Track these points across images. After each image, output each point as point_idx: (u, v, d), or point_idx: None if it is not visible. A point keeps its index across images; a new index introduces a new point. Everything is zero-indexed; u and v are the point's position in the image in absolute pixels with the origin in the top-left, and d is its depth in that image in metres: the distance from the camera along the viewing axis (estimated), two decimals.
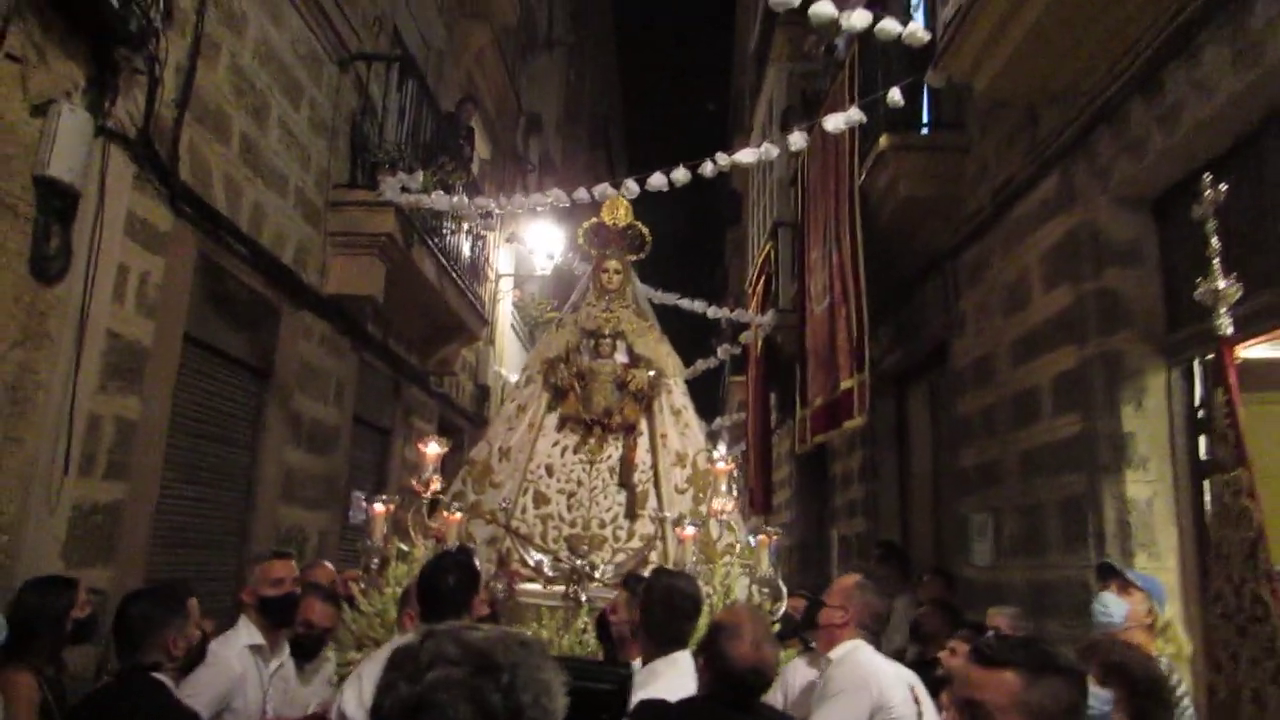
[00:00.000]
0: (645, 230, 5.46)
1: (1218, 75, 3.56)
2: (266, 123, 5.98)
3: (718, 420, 14.88)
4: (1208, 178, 3.02)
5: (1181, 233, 4.26)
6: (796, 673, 3.40)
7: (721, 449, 5.73)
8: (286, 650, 3.51)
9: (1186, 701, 3.28)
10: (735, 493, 5.01)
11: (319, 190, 6.82)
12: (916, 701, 2.91)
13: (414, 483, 4.59)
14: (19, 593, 3.14)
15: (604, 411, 4.98)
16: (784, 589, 4.30)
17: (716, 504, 4.51)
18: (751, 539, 4.49)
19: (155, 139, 4.60)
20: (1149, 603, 3.45)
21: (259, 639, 3.34)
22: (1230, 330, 3.08)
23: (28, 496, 3.82)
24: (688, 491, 4.86)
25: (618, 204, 5.52)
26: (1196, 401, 4.21)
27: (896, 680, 2.95)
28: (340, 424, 7.45)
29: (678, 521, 4.37)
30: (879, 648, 3.17)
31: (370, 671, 2.78)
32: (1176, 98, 3.82)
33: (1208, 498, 3.98)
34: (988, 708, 1.57)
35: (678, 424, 5.08)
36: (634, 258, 5.47)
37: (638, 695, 2.74)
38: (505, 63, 12.11)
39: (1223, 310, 3.03)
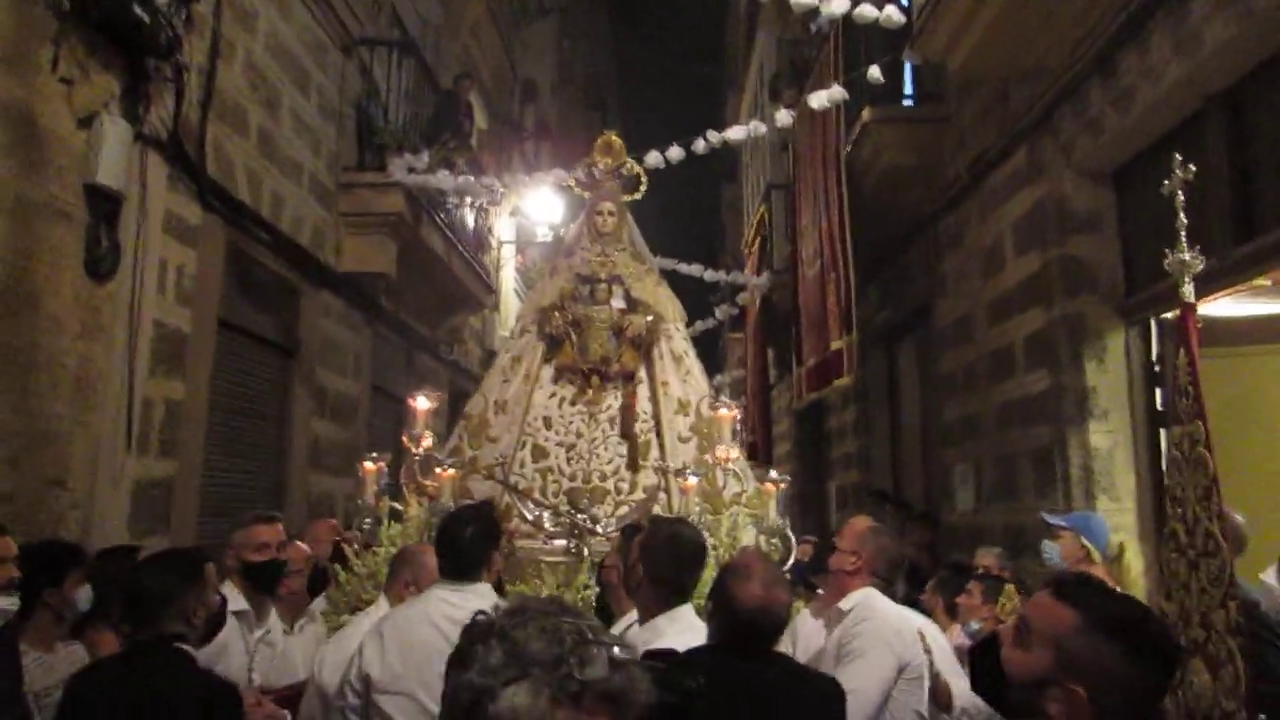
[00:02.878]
0: (640, 169, 5.23)
1: (1163, 62, 3.90)
2: (279, 113, 6.30)
3: (718, 377, 15.28)
4: (1178, 157, 3.35)
5: (1138, 203, 4.62)
6: (805, 624, 3.21)
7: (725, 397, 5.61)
8: (273, 615, 3.42)
9: None
10: (741, 440, 4.77)
11: (330, 174, 7.15)
12: (927, 651, 2.80)
13: (405, 439, 4.37)
14: (94, 560, 3.55)
15: (601, 360, 4.70)
16: (793, 539, 4.16)
17: (721, 452, 4.25)
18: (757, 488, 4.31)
19: (184, 140, 4.94)
20: (1078, 539, 3.88)
21: (243, 604, 3.23)
22: (1193, 297, 3.45)
23: (96, 474, 4.24)
24: (691, 440, 4.62)
25: (610, 142, 5.20)
26: (1153, 358, 4.61)
27: (914, 635, 2.81)
28: (359, 394, 7.86)
29: (680, 471, 4.23)
30: (892, 596, 3.00)
31: (392, 633, 2.68)
32: (1129, 81, 4.16)
33: (1164, 446, 4.40)
34: (1032, 628, 1.50)
35: (679, 370, 4.80)
36: (629, 198, 5.18)
37: (648, 649, 2.51)
38: (500, 33, 12.31)
39: (1187, 278, 3.39)
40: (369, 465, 4.29)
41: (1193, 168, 3.03)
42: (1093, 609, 1.45)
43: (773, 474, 4.41)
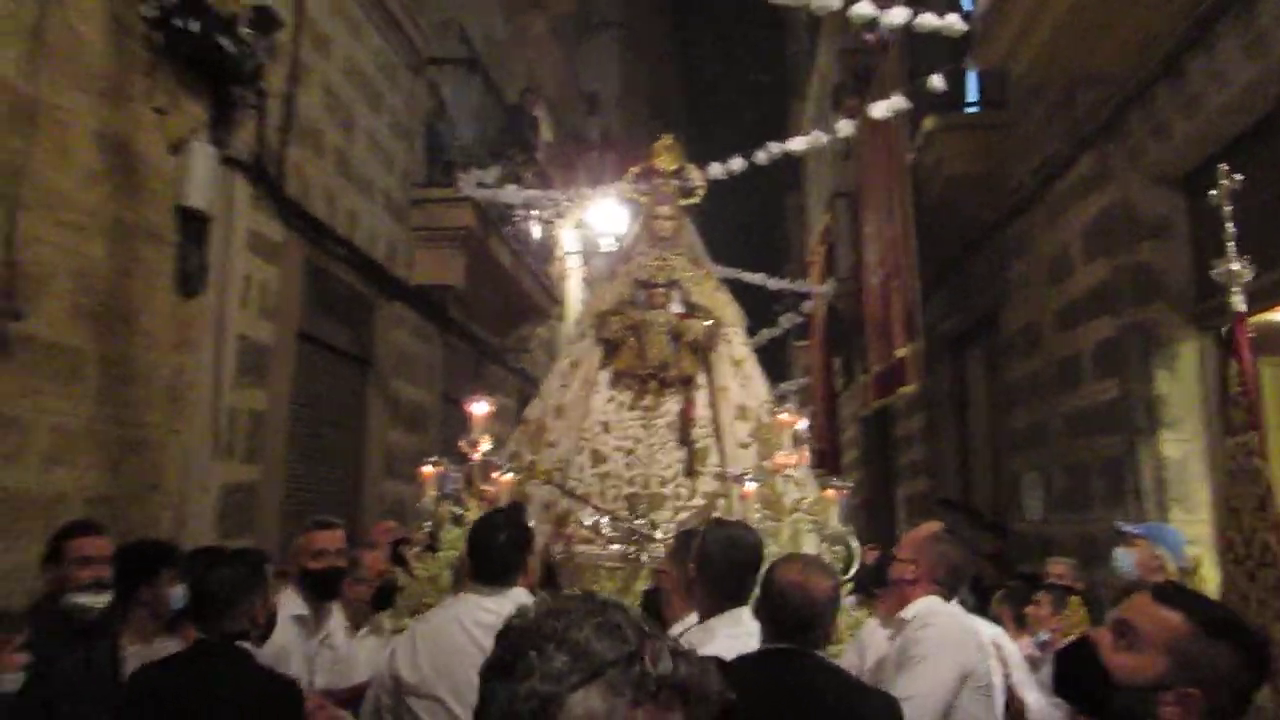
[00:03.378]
0: (698, 174, 5.16)
1: (1232, 65, 3.83)
2: (354, 134, 6.56)
3: (783, 385, 15.26)
4: (1223, 167, 3.31)
5: (1210, 208, 4.52)
6: (873, 635, 3.10)
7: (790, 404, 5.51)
8: (335, 618, 3.40)
9: None
10: (803, 447, 4.70)
11: (402, 190, 7.40)
12: (1001, 662, 2.70)
13: (462, 444, 4.32)
14: (186, 559, 3.76)
15: (660, 364, 4.65)
16: (856, 546, 4.08)
17: (781, 458, 4.19)
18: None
19: (266, 161, 5.20)
20: (1152, 548, 3.81)
21: (303, 609, 3.22)
22: (1243, 306, 3.39)
23: (187, 479, 4.49)
24: (751, 446, 4.54)
25: (668, 147, 5.14)
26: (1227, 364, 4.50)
27: (980, 644, 2.71)
28: (431, 403, 8.09)
29: (740, 477, 4.16)
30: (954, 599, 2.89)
31: (424, 637, 2.71)
32: (1197, 86, 4.09)
33: None
34: (1138, 632, 1.49)
35: (738, 375, 4.73)
36: (687, 202, 5.13)
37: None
38: (563, 47, 12.54)
39: (1236, 288, 3.33)
40: (428, 470, 4.27)
41: (1239, 176, 2.99)
42: (1198, 612, 1.47)
43: (834, 481, 4.37)
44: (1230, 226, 3.39)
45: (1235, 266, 3.36)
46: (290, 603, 3.18)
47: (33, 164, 3.51)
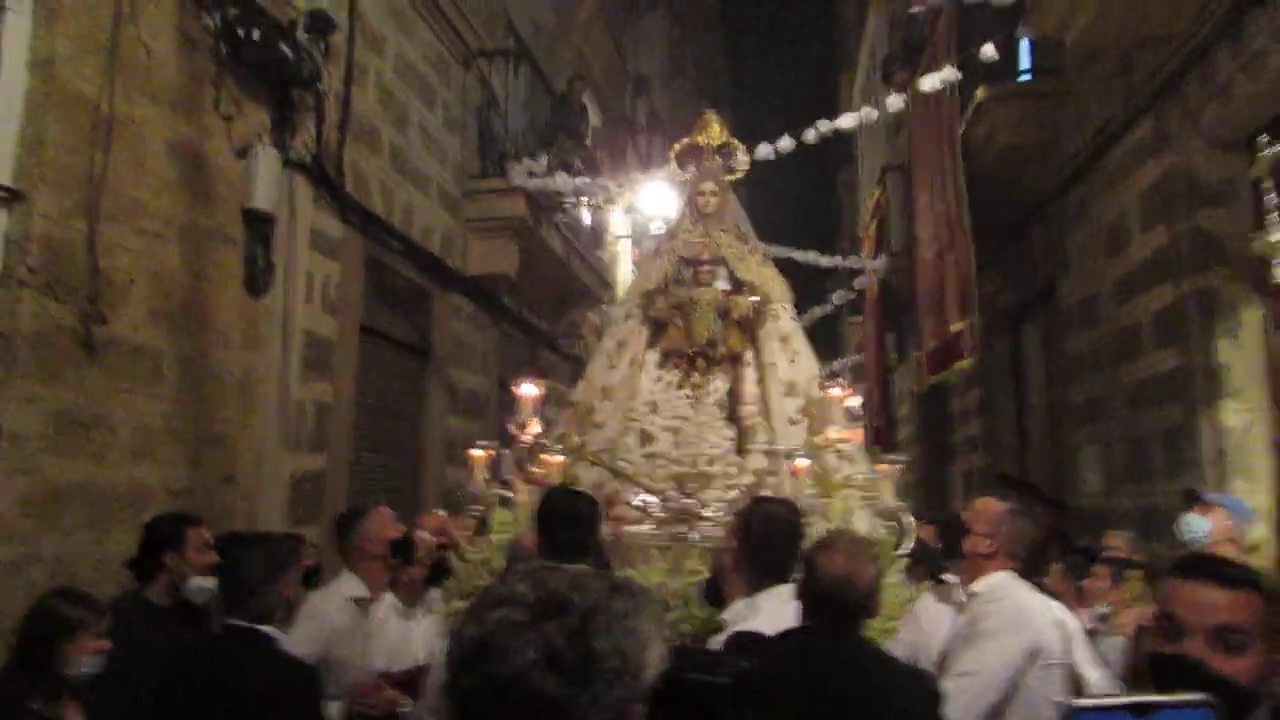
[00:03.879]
0: (740, 146, 5.05)
1: None
2: (408, 129, 6.71)
3: (838, 361, 15.16)
4: (1263, 138, 3.25)
5: (1274, 171, 4.42)
6: (927, 610, 3.10)
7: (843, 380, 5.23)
8: (388, 600, 3.42)
9: None
10: (856, 422, 4.68)
11: (455, 182, 7.55)
12: (1066, 638, 2.65)
13: (511, 426, 4.34)
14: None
15: (707, 342, 4.57)
16: (910, 521, 4.03)
17: (832, 434, 4.14)
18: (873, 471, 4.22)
19: (325, 161, 5.36)
20: (1231, 519, 3.76)
21: (362, 591, 3.22)
22: None
23: (260, 470, 4.70)
24: (801, 423, 4.48)
25: (710, 120, 5.06)
26: None
27: (1051, 621, 2.64)
28: (487, 390, 8.27)
29: (790, 454, 4.10)
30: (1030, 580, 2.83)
31: None
32: (1260, 44, 3.99)
33: None
34: (1242, 629, 1.44)
35: (786, 351, 4.67)
36: (731, 177, 5.04)
37: (736, 628, 2.56)
38: (610, 31, 12.56)
39: (1276, 259, 3.28)
40: (477, 453, 4.30)
41: (1278, 146, 2.93)
42: (1263, 583, 1.48)
43: (887, 456, 4.34)
44: (1273, 197, 3.33)
45: (1275, 237, 3.31)
46: (349, 584, 3.20)
47: (111, 175, 3.69)
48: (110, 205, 3.70)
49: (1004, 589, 2.69)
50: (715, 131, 4.97)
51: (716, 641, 2.57)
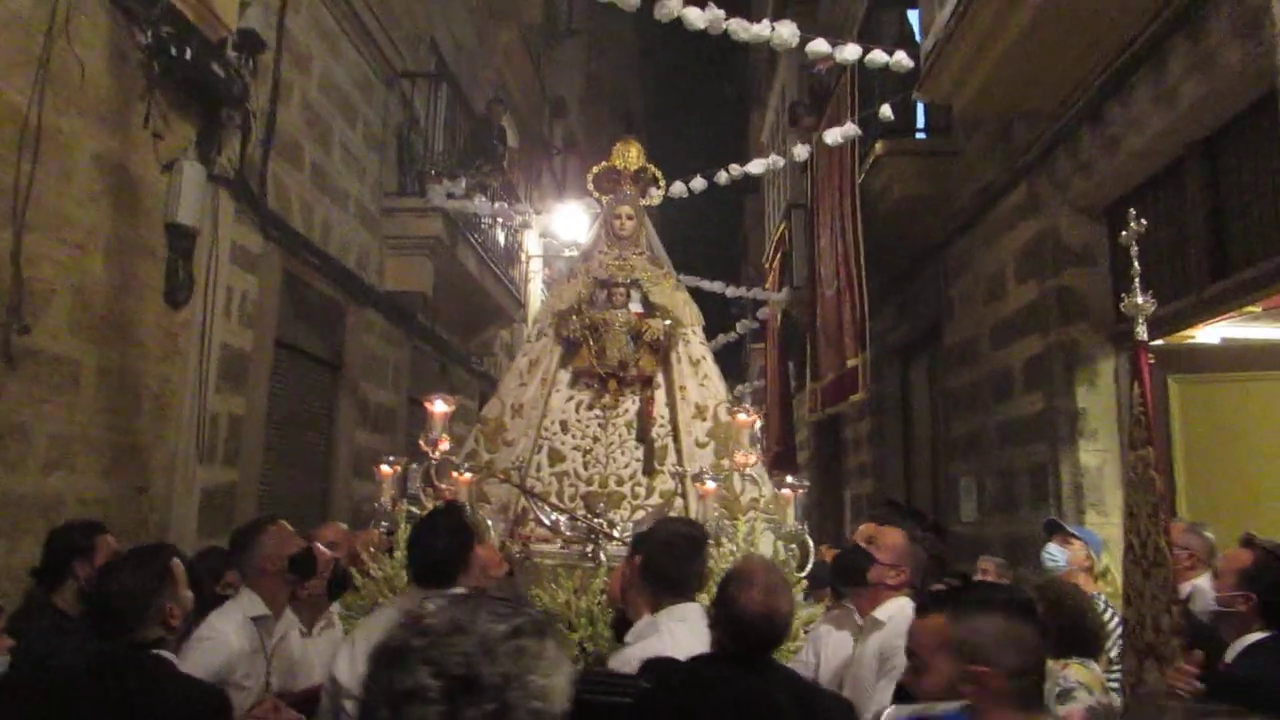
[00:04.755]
0: (658, 173, 5.14)
1: (1144, 114, 4.26)
2: (330, 147, 6.78)
3: (739, 387, 15.66)
4: (1132, 211, 3.71)
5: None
6: (828, 638, 3.20)
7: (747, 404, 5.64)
8: (288, 618, 3.30)
9: (1114, 627, 4.07)
10: (760, 446, 4.78)
11: (374, 199, 7.63)
12: None
13: (421, 443, 4.31)
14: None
15: (619, 364, 4.65)
16: (811, 544, 4.17)
17: (739, 457, 4.22)
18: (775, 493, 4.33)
19: (249, 177, 5.42)
20: (1087, 550, 4.23)
21: (261, 609, 3.11)
22: (1145, 336, 3.80)
23: (172, 482, 4.72)
24: (709, 445, 4.61)
25: (629, 146, 5.13)
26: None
27: None
28: (397, 406, 8.33)
29: (698, 477, 4.18)
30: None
31: (362, 638, 2.66)
32: (1116, 130, 4.52)
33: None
34: (919, 653, 1.76)
35: (696, 375, 4.77)
36: (647, 203, 5.13)
37: (637, 648, 2.57)
38: (531, 54, 12.79)
39: (1140, 320, 3.73)
40: (385, 469, 4.31)
41: (1144, 221, 3.38)
42: (950, 604, 1.83)
43: (789, 479, 4.43)
44: (1136, 264, 3.80)
45: (1140, 300, 3.78)
46: (249, 603, 3.08)
47: (37, 186, 3.72)
48: (35, 216, 3.72)
49: (908, 616, 2.79)
50: (633, 157, 5.08)
51: (619, 660, 2.61)
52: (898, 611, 2.82)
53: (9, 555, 3.61)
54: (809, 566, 4.07)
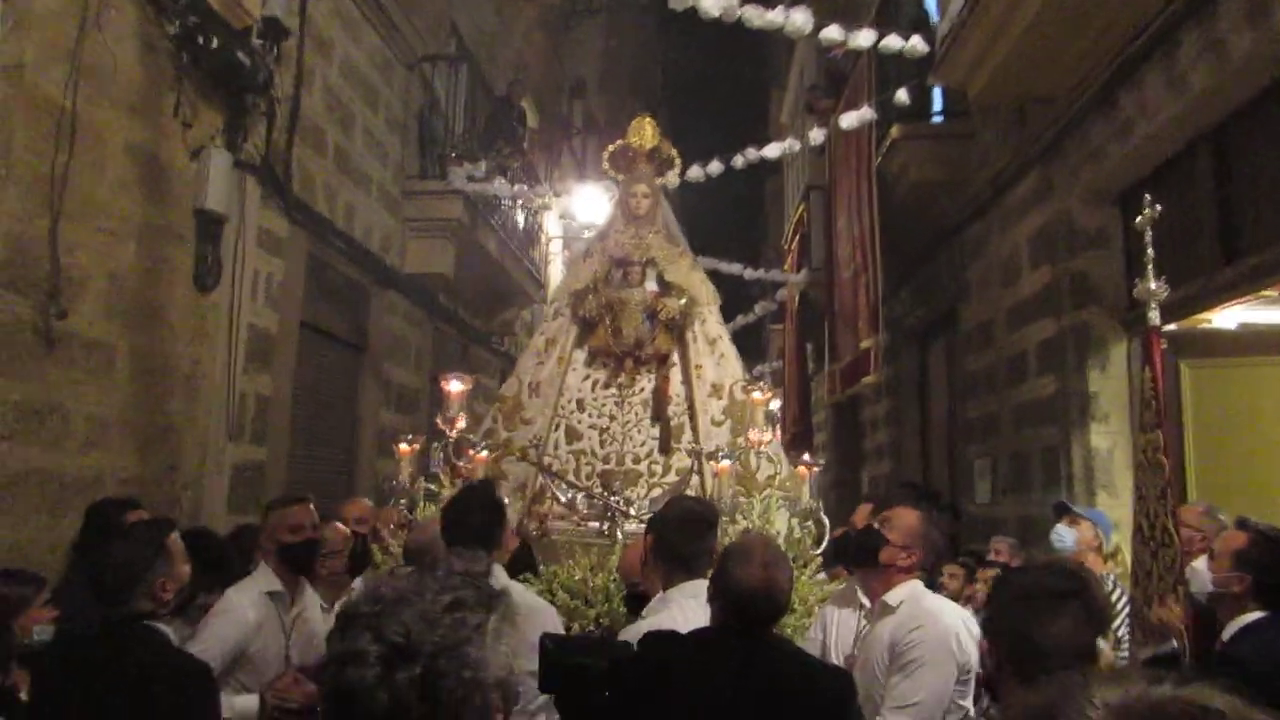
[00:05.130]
0: (674, 151, 5.12)
1: (1156, 101, 4.28)
2: (353, 131, 6.90)
3: (759, 367, 15.71)
4: (1147, 196, 3.74)
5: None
6: (835, 615, 3.23)
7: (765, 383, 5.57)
8: (309, 594, 3.34)
9: (1121, 606, 4.15)
10: (777, 426, 4.75)
11: (396, 183, 7.75)
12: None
13: (439, 421, 4.34)
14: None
15: (635, 343, 4.66)
16: (827, 521, 4.17)
17: (755, 435, 4.20)
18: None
19: (274, 163, 5.55)
20: (1095, 530, 4.31)
21: (276, 585, 3.16)
22: (1158, 321, 3.84)
23: (203, 460, 4.89)
24: (725, 424, 4.60)
25: (644, 124, 5.13)
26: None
27: (968, 634, 2.75)
28: (420, 386, 8.48)
29: (713, 455, 4.18)
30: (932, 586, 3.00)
31: None
32: (1127, 116, 4.54)
33: None
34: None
35: (713, 354, 4.76)
36: (662, 181, 5.11)
37: (647, 622, 2.63)
38: (550, 35, 12.83)
39: (1153, 305, 3.78)
40: (404, 447, 4.33)
41: (1159, 207, 3.42)
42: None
43: (805, 457, 4.46)
44: (1150, 250, 3.84)
45: (1153, 285, 3.82)
46: (265, 579, 3.16)
47: (72, 175, 3.86)
48: (71, 204, 3.87)
49: (920, 605, 2.81)
50: (649, 135, 5.05)
51: (630, 634, 2.62)
52: (909, 597, 2.82)
53: (51, 531, 3.78)
54: (824, 543, 4.09)
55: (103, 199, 4.09)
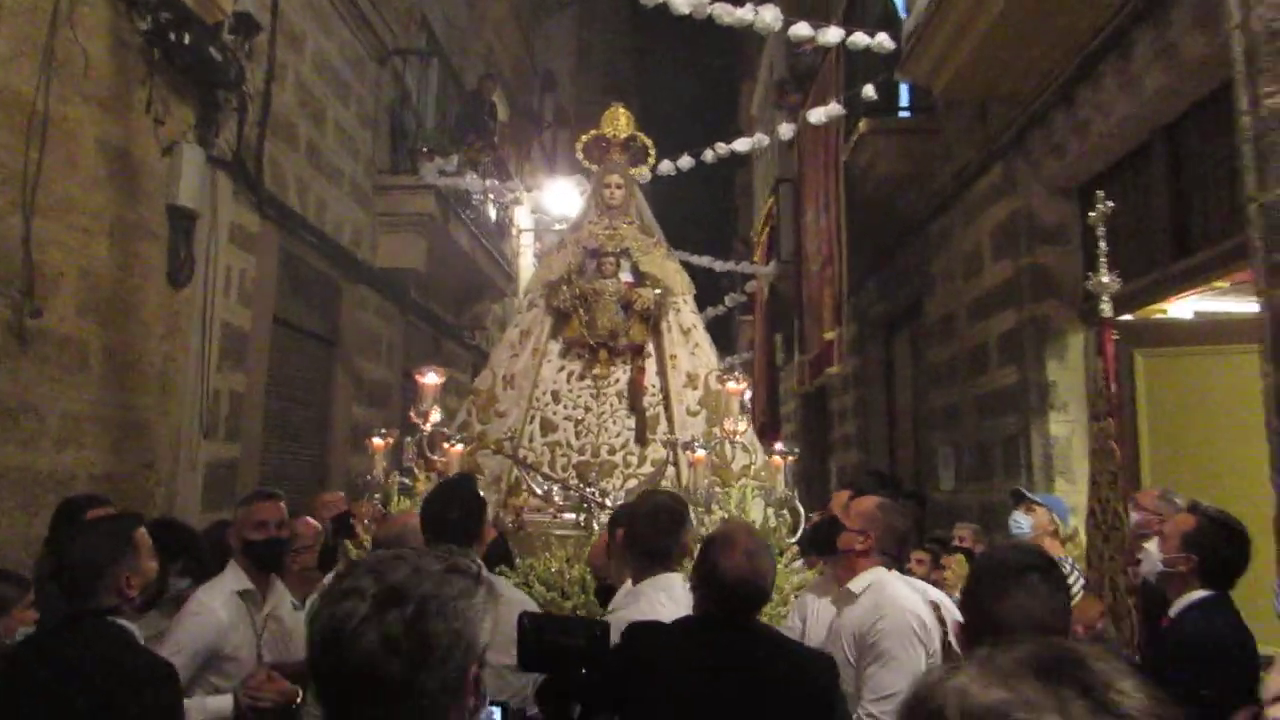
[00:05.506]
0: (648, 141, 5.12)
1: (1111, 100, 4.43)
2: (324, 125, 6.89)
3: (729, 358, 15.83)
4: (1099, 193, 3.87)
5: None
6: (814, 605, 3.24)
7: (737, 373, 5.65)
8: (280, 591, 3.31)
9: (1078, 590, 4.30)
10: (747, 414, 4.75)
11: (367, 177, 7.75)
12: (941, 622, 2.78)
13: (412, 415, 4.34)
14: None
15: (609, 333, 4.65)
16: (802, 510, 4.19)
17: (730, 425, 4.24)
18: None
19: (246, 158, 5.54)
20: (1050, 515, 4.47)
21: (247, 584, 3.13)
22: (1110, 313, 3.98)
23: (177, 457, 4.89)
24: (700, 414, 4.63)
25: (618, 114, 5.11)
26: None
27: (930, 617, 2.77)
28: (392, 380, 8.50)
29: (689, 445, 4.18)
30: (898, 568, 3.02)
31: None
32: (1086, 113, 4.69)
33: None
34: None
35: (687, 344, 4.80)
36: (637, 172, 5.12)
37: (618, 615, 2.63)
38: (521, 28, 12.82)
39: (1105, 298, 3.92)
40: (377, 442, 4.29)
41: (1111, 203, 3.57)
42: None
43: (779, 446, 4.46)
44: (1103, 244, 3.99)
45: (1105, 279, 3.96)
46: (234, 577, 3.13)
47: (44, 172, 3.85)
48: (43, 202, 3.87)
49: (883, 593, 2.80)
50: (623, 125, 5.05)
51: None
52: (873, 584, 2.83)
53: (28, 527, 3.79)
54: (799, 532, 4.10)
55: (75, 196, 4.09)
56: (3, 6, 3.68)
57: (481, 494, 3.18)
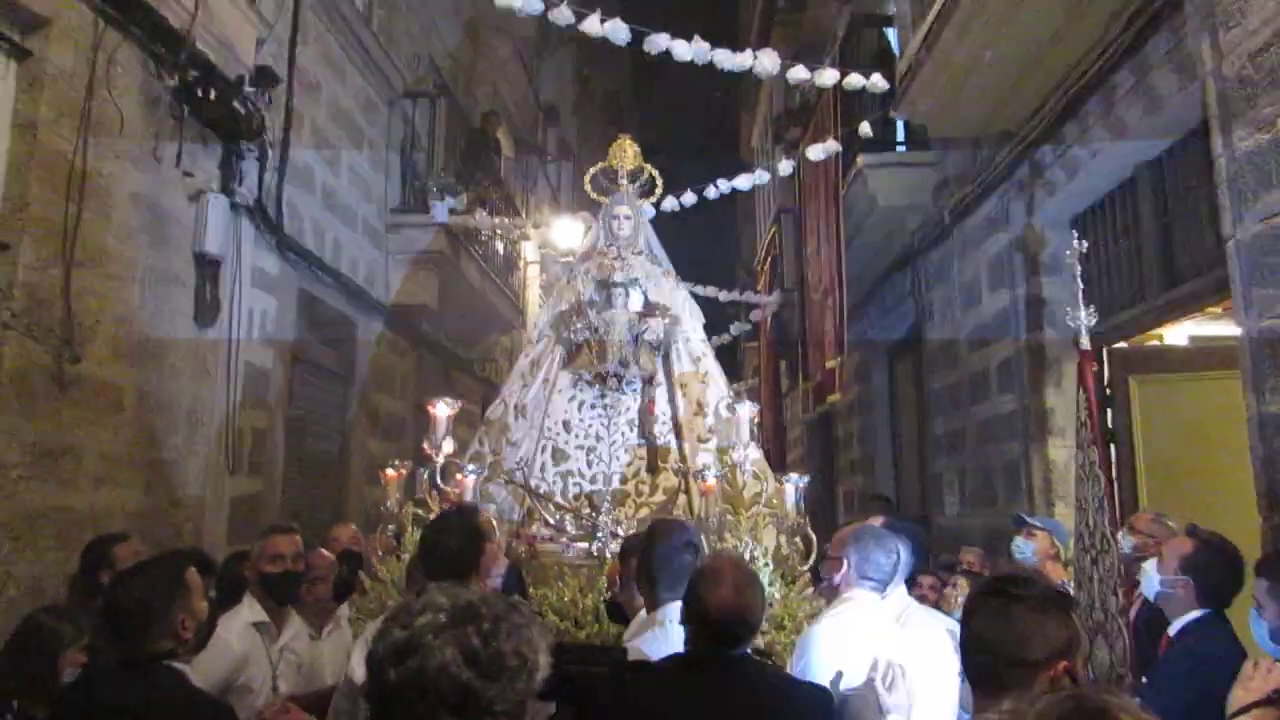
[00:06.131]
0: (655, 172, 5.21)
1: (1097, 138, 4.62)
2: (339, 169, 7.12)
3: (736, 385, 15.95)
4: (1075, 234, 4.06)
5: (1093, 248, 5.33)
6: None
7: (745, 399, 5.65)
8: (296, 623, 3.35)
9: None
10: (755, 441, 4.70)
11: (379, 216, 7.98)
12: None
13: (425, 446, 4.39)
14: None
15: (619, 363, 4.71)
16: (814, 537, 4.20)
17: (740, 453, 4.30)
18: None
19: (266, 204, 5.76)
20: (1051, 540, 4.60)
21: (262, 616, 3.18)
22: (1088, 345, 4.13)
23: (204, 493, 5.06)
24: (711, 441, 4.67)
25: (624, 146, 5.20)
26: (1104, 383, 5.31)
27: (856, 658, 2.57)
28: (405, 413, 8.67)
29: (700, 473, 4.22)
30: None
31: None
32: (1073, 151, 4.88)
33: (1112, 459, 5.09)
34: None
35: (697, 372, 4.86)
36: (644, 202, 5.23)
37: (634, 643, 2.69)
38: (525, 66, 13.13)
39: (1083, 332, 4.08)
40: (390, 473, 4.36)
41: (1085, 243, 3.76)
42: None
43: (792, 475, 4.48)
44: (1080, 280, 4.15)
45: (1082, 315, 4.13)
46: (250, 610, 3.16)
47: (82, 226, 4.06)
48: (81, 253, 4.06)
49: (822, 627, 2.81)
50: (630, 157, 5.15)
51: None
52: (828, 615, 2.85)
53: (65, 564, 3.95)
54: (812, 558, 4.14)
55: (110, 247, 4.29)
56: (44, 72, 3.90)
57: (480, 525, 3.14)
